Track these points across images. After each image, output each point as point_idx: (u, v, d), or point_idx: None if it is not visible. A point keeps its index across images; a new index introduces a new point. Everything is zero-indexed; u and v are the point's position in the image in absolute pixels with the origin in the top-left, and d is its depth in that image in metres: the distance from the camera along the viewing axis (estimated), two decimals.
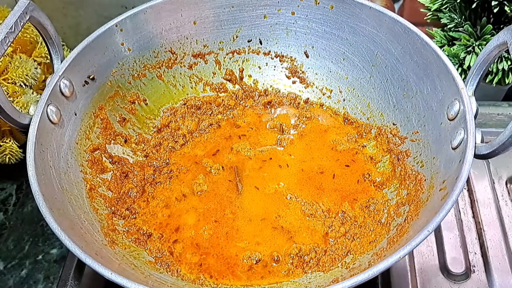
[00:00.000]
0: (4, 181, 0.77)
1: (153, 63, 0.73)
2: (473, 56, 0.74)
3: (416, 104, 0.64)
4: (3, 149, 0.73)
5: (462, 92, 0.54)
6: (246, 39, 0.76)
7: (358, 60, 0.71)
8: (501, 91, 0.83)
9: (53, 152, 0.58)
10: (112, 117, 0.69)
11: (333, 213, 0.63)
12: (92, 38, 0.64)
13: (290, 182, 0.67)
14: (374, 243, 0.58)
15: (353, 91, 0.73)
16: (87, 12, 0.90)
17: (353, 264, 0.56)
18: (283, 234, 0.62)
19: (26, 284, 0.66)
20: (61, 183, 0.56)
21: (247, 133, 0.73)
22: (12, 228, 0.72)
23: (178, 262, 0.60)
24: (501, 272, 0.62)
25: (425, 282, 0.62)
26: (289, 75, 0.77)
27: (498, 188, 0.71)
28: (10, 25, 0.53)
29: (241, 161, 0.70)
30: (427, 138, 0.61)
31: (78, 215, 0.56)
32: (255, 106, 0.77)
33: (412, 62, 0.63)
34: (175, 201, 0.66)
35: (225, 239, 0.61)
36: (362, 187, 0.66)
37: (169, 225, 0.63)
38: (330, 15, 0.70)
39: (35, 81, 0.74)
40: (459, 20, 0.77)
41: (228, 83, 0.78)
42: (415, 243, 0.44)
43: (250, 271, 0.59)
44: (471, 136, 0.51)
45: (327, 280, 0.56)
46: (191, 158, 0.71)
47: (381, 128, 0.69)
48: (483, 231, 0.66)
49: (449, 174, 0.52)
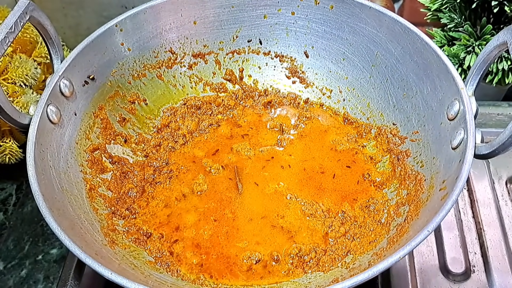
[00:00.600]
0: (4, 181, 0.77)
1: (153, 63, 0.73)
2: (473, 56, 0.74)
3: (416, 104, 0.64)
4: (3, 149, 0.73)
5: (462, 92, 0.55)
6: (246, 39, 0.76)
7: (358, 60, 0.71)
8: (501, 91, 0.83)
9: (53, 152, 0.58)
10: (112, 117, 0.69)
11: (333, 213, 0.63)
12: (92, 38, 0.64)
13: (290, 182, 0.67)
14: (374, 243, 0.58)
15: (353, 91, 0.73)
16: (87, 12, 0.90)
17: (353, 264, 0.56)
18: (283, 234, 0.62)
19: (26, 284, 0.66)
20: (61, 183, 0.56)
21: (247, 133, 0.74)
22: (12, 228, 0.72)
23: (178, 262, 0.60)
24: (501, 272, 0.62)
25: (425, 282, 0.62)
26: (289, 75, 0.77)
27: (498, 188, 0.71)
28: (10, 25, 0.53)
29: (241, 161, 0.70)
30: (427, 138, 0.61)
31: (78, 215, 0.56)
32: (255, 106, 0.77)
33: (412, 62, 0.63)
34: (175, 201, 0.66)
35: (225, 239, 0.61)
36: (362, 187, 0.66)
37: (169, 225, 0.63)
38: (330, 15, 0.70)
39: (35, 81, 0.74)
40: (459, 20, 0.77)
41: (228, 83, 0.78)
42: (415, 243, 0.44)
43: (250, 271, 0.59)
44: (471, 136, 0.51)
45: (327, 280, 0.56)
46: (191, 158, 0.71)
47: (381, 128, 0.69)
48: (483, 231, 0.66)
49: (449, 174, 0.52)
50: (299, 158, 0.70)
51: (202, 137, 0.74)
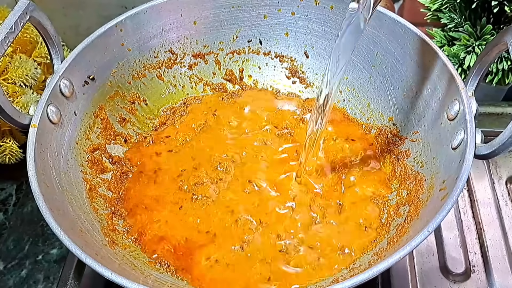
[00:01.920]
0: (4, 181, 0.77)
1: (153, 63, 0.73)
2: (473, 56, 0.74)
3: (416, 104, 0.64)
4: (3, 149, 0.73)
5: (462, 92, 0.55)
6: (246, 39, 0.76)
7: (358, 60, 0.71)
8: (501, 91, 0.83)
9: (53, 152, 0.58)
10: (112, 117, 0.69)
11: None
12: (92, 38, 0.64)
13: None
14: (374, 243, 0.58)
15: (353, 91, 0.73)
16: (87, 12, 0.90)
17: (353, 264, 0.56)
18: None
19: (26, 284, 0.66)
20: (61, 183, 0.56)
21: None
22: (12, 228, 0.72)
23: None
24: (501, 272, 0.62)
25: (425, 282, 0.62)
26: (289, 75, 0.77)
27: (498, 188, 0.71)
28: (10, 25, 0.53)
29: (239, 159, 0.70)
30: (427, 138, 0.61)
31: (78, 215, 0.56)
32: None
33: (412, 62, 0.63)
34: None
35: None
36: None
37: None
38: (330, 15, 0.70)
39: (35, 81, 0.74)
40: (459, 20, 0.77)
41: (228, 83, 0.78)
42: (415, 243, 0.44)
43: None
44: (471, 136, 0.51)
45: (327, 280, 0.56)
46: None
47: (381, 128, 0.69)
48: (483, 231, 0.66)
49: (449, 174, 0.52)
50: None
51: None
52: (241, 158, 0.68)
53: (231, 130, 0.72)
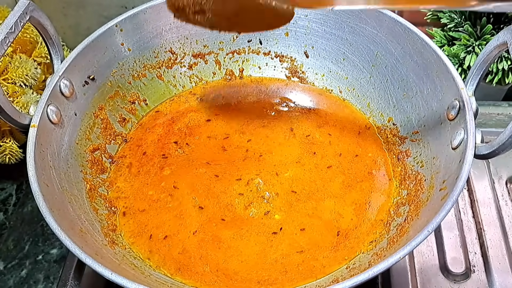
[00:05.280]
0: (4, 181, 0.77)
1: (153, 63, 0.73)
2: (473, 56, 0.74)
3: (416, 104, 0.64)
4: (3, 149, 0.73)
5: (462, 92, 0.55)
6: (246, 39, 0.76)
7: (358, 60, 0.71)
8: (501, 91, 0.83)
9: (53, 152, 0.58)
10: (112, 117, 0.69)
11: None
12: (92, 38, 0.64)
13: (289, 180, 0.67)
14: (374, 243, 0.58)
15: (353, 91, 0.73)
16: (87, 12, 0.90)
17: (353, 264, 0.56)
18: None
19: (26, 284, 0.66)
20: (61, 183, 0.56)
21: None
22: (12, 228, 0.72)
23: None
24: (501, 272, 0.62)
25: (425, 282, 0.62)
26: (289, 75, 0.77)
27: (498, 188, 0.71)
28: (10, 25, 0.53)
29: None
30: (427, 138, 0.61)
31: (78, 215, 0.56)
32: None
33: (412, 62, 0.63)
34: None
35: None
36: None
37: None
38: (330, 15, 0.70)
39: (35, 81, 0.74)
40: (459, 20, 0.77)
41: None
42: (415, 243, 0.44)
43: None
44: (471, 136, 0.51)
45: (327, 280, 0.56)
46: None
47: (381, 128, 0.69)
48: (483, 231, 0.66)
49: (449, 174, 0.52)
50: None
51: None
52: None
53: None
